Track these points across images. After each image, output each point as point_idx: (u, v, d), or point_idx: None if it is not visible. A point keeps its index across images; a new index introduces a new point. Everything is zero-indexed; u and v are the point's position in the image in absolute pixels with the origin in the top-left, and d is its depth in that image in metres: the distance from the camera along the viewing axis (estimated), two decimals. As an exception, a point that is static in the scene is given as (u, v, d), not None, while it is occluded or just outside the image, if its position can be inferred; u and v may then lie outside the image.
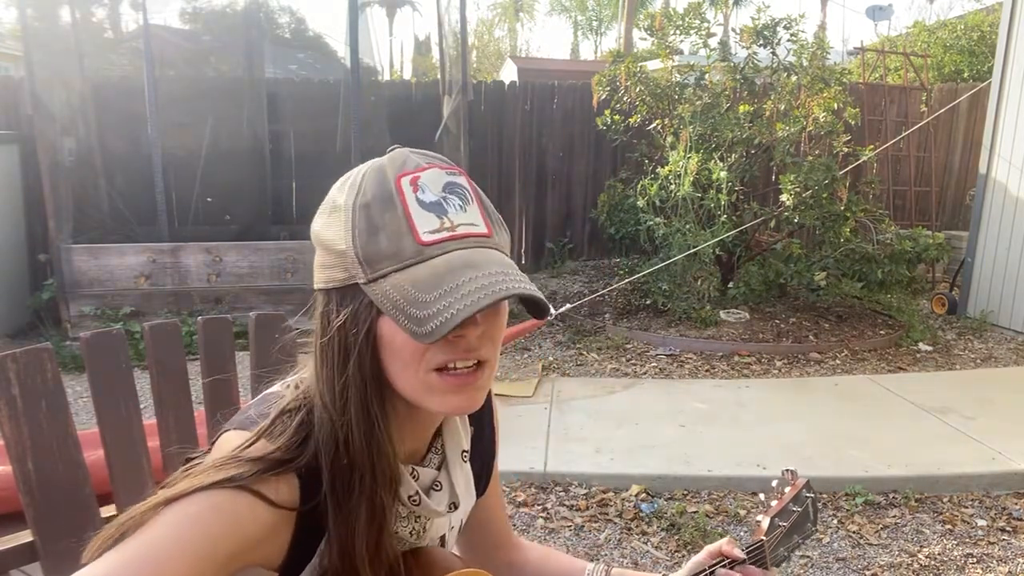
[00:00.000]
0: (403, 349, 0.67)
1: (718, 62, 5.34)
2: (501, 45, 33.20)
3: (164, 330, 1.43)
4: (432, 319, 0.62)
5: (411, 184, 0.67)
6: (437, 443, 0.84)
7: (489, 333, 0.70)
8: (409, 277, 0.65)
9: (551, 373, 4.36)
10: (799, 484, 1.09)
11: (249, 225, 5.89)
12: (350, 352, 0.68)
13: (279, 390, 0.77)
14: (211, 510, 0.63)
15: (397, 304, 0.64)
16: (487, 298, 0.63)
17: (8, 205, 5.47)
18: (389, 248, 0.65)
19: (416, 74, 23.81)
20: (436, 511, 0.81)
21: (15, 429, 1.19)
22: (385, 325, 0.67)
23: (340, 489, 0.70)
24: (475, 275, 0.64)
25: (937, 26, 10.44)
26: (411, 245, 0.65)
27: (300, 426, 0.70)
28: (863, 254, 5.22)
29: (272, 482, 0.67)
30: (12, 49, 14.12)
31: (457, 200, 0.69)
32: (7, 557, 1.25)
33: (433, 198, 0.67)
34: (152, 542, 0.61)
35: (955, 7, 32.75)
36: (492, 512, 1.03)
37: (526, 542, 1.10)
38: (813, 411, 3.74)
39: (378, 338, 0.68)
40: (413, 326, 0.63)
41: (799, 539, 1.08)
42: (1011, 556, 2.57)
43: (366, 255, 0.66)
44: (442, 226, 0.67)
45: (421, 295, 0.63)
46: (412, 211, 0.66)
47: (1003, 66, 5.43)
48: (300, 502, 0.69)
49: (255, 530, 0.66)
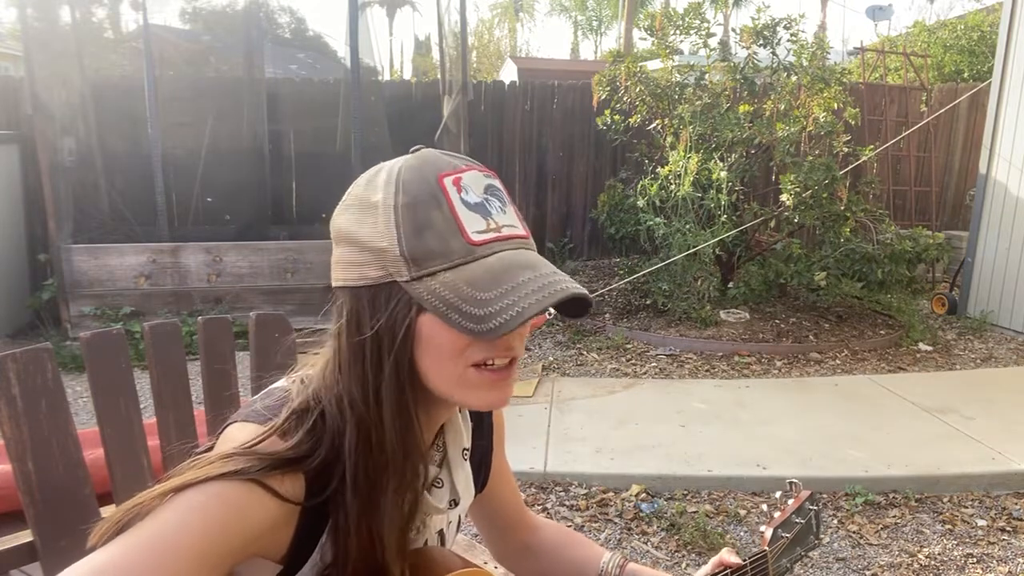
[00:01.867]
0: (445, 346, 0.68)
1: (718, 62, 5.34)
2: (501, 45, 33.19)
3: (164, 330, 1.43)
4: (494, 316, 0.63)
5: (454, 184, 0.68)
6: (439, 440, 0.85)
7: (522, 332, 0.71)
8: (463, 276, 0.65)
9: (551, 373, 4.36)
10: (803, 496, 1.10)
11: (249, 225, 5.90)
12: (385, 351, 0.68)
13: (285, 384, 0.77)
14: (219, 500, 0.63)
15: (450, 302, 0.64)
16: (550, 297, 0.65)
17: (8, 205, 5.47)
18: (438, 247, 0.66)
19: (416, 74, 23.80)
20: (437, 508, 0.82)
21: (15, 429, 1.19)
22: (425, 322, 0.67)
23: (369, 489, 0.70)
24: (533, 275, 0.66)
25: (937, 26, 10.44)
26: (461, 245, 0.66)
27: (312, 429, 0.70)
28: (863, 254, 5.22)
29: (279, 477, 0.67)
30: (12, 49, 14.12)
31: (497, 202, 0.70)
32: (7, 557, 1.25)
33: (476, 199, 0.69)
34: (159, 530, 0.61)
35: (955, 7, 32.72)
36: (503, 498, 1.04)
37: (545, 523, 1.10)
38: (813, 411, 3.74)
39: (416, 335, 0.68)
40: (470, 324, 0.63)
41: (802, 551, 1.08)
42: (1011, 556, 2.57)
43: (412, 254, 0.66)
44: (488, 227, 0.68)
45: (479, 293, 0.64)
46: (459, 211, 0.67)
47: (1003, 66, 5.43)
48: (305, 498, 0.69)
49: (261, 522, 0.66)
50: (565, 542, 1.07)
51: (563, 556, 1.05)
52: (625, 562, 1.02)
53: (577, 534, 1.10)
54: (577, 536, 1.09)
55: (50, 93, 5.10)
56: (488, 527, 1.08)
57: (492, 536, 1.09)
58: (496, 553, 1.11)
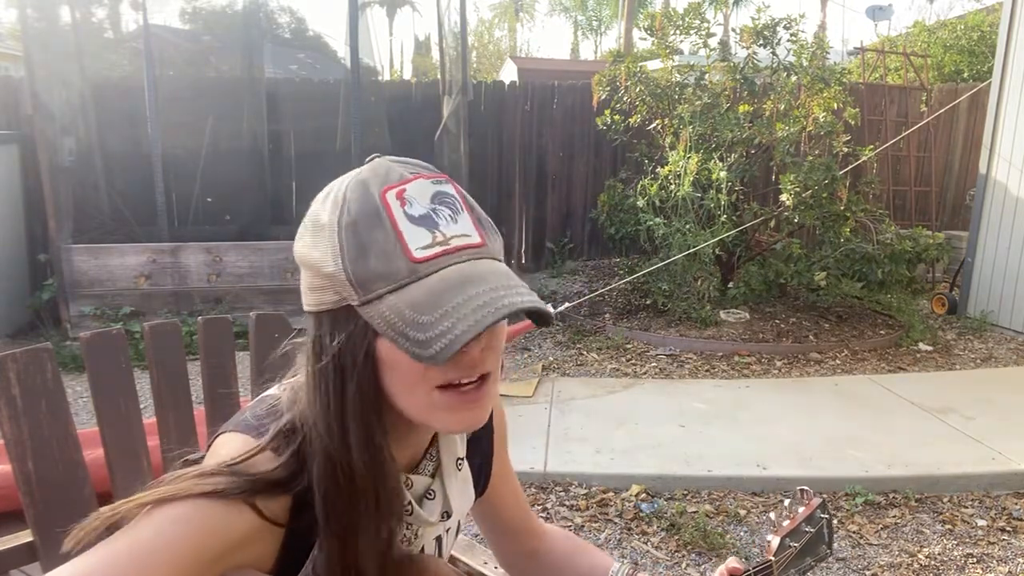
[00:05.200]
0: (405, 370, 0.65)
1: (718, 62, 5.34)
2: (501, 45, 33.19)
3: (164, 330, 1.43)
4: (435, 341, 0.60)
5: (397, 198, 0.64)
6: (432, 449, 0.83)
7: (491, 345, 0.68)
8: (406, 298, 0.62)
9: (551, 373, 4.36)
10: (813, 504, 1.05)
11: (249, 225, 5.89)
12: (348, 377, 0.66)
13: (276, 392, 0.76)
14: (200, 516, 0.63)
15: (396, 327, 0.61)
16: (489, 316, 0.61)
17: (8, 205, 5.47)
18: (381, 268, 0.62)
19: (416, 74, 23.82)
20: (428, 521, 0.80)
21: (15, 429, 1.19)
22: (384, 346, 0.64)
23: (340, 520, 0.68)
24: (475, 292, 0.62)
25: (937, 26, 10.44)
26: (404, 264, 0.63)
27: (297, 453, 0.69)
28: (863, 254, 5.22)
29: (264, 498, 0.66)
30: (12, 49, 14.12)
31: (447, 211, 0.66)
32: (7, 557, 1.25)
33: (422, 211, 0.65)
34: (140, 543, 0.61)
35: (955, 7, 32.71)
36: (506, 502, 1.02)
37: (552, 529, 1.08)
38: (813, 411, 3.74)
39: (378, 360, 0.65)
40: (416, 349, 0.60)
41: (812, 561, 1.03)
42: (1011, 556, 2.57)
43: (357, 277, 0.63)
44: (434, 240, 0.64)
45: (420, 317, 0.61)
46: (402, 227, 0.63)
47: (1003, 66, 5.43)
48: (289, 520, 0.68)
49: (243, 537, 0.65)
50: (573, 549, 1.05)
51: (571, 564, 1.03)
52: (635, 571, 0.99)
53: (585, 542, 1.08)
54: (585, 544, 1.07)
55: (50, 93, 5.10)
56: (492, 531, 1.06)
57: (497, 541, 1.07)
58: (501, 559, 1.09)
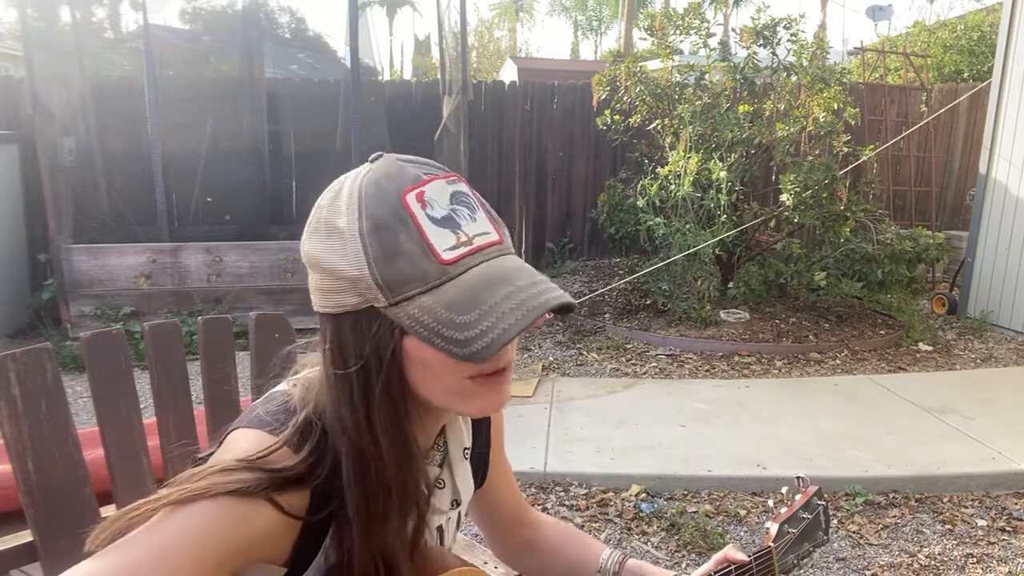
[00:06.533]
0: (436, 365, 0.66)
1: (718, 62, 5.34)
2: (501, 45, 33.19)
3: (164, 330, 1.43)
4: (475, 341, 0.61)
5: (418, 200, 0.65)
6: (440, 440, 0.85)
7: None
8: (439, 299, 0.63)
9: (551, 373, 4.36)
10: (810, 491, 1.09)
11: (249, 225, 5.89)
12: (374, 378, 0.67)
13: (286, 388, 0.76)
14: (224, 514, 0.63)
15: (429, 327, 0.63)
16: (529, 315, 0.63)
17: (8, 205, 5.47)
18: (410, 271, 0.64)
19: (416, 74, 23.81)
20: (439, 509, 0.82)
21: (15, 429, 1.19)
22: (411, 344, 0.66)
23: (371, 518, 0.70)
24: (508, 290, 0.64)
25: (937, 26, 10.44)
26: (433, 266, 0.64)
27: (316, 447, 0.70)
28: (863, 254, 5.22)
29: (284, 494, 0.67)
30: (12, 49, 14.12)
31: (465, 210, 0.68)
32: (7, 557, 1.25)
33: (443, 213, 0.66)
34: (164, 541, 0.61)
35: (955, 7, 32.75)
36: (503, 494, 1.04)
37: (546, 519, 1.10)
38: (813, 411, 3.74)
39: (405, 357, 0.67)
40: (454, 348, 0.62)
41: (810, 547, 1.07)
42: (1011, 556, 2.57)
43: (386, 280, 0.64)
44: (459, 241, 0.66)
45: (457, 317, 0.62)
46: (426, 230, 0.65)
47: (1003, 66, 5.43)
48: (308, 513, 0.69)
49: (264, 533, 0.66)
50: (566, 538, 1.07)
51: (563, 552, 1.05)
52: (624, 558, 1.02)
53: (578, 531, 1.10)
54: (578, 532, 1.09)
55: (50, 93, 5.10)
56: (488, 524, 1.07)
57: (493, 533, 1.09)
58: (497, 550, 1.11)
